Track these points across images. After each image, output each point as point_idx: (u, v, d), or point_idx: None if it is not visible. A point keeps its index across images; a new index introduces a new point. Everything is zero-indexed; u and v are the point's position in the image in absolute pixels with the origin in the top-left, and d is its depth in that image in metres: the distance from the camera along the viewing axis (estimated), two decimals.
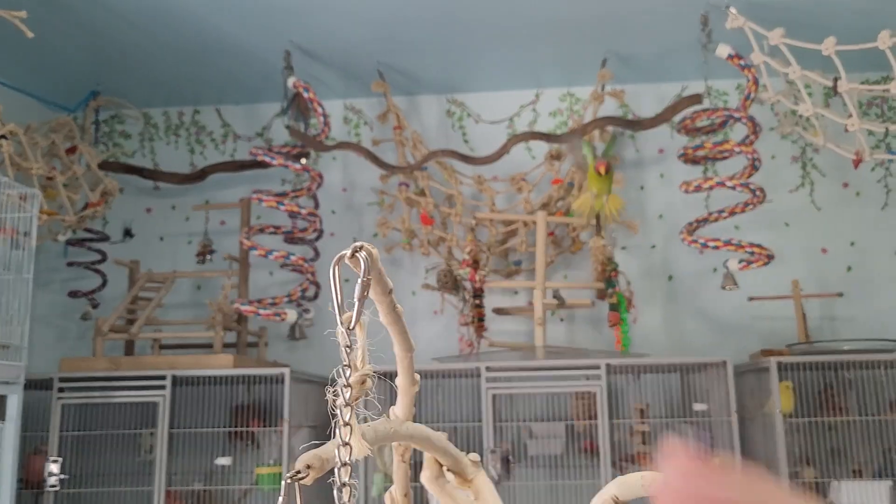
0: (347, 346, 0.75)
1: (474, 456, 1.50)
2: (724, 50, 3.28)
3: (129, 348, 3.84)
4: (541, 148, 4.08)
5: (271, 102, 4.30)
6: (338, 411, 0.74)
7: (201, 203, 4.19)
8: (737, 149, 3.16)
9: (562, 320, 3.96)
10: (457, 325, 3.85)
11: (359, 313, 0.75)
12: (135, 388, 3.35)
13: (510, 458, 3.41)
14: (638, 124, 3.41)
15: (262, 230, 3.63)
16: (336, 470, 0.87)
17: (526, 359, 3.41)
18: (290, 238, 3.82)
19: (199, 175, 4.06)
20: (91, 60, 3.86)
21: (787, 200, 3.95)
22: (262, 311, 3.39)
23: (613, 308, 3.50)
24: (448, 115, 4.26)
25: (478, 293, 3.59)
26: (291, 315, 3.46)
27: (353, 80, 4.08)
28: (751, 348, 3.71)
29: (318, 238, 3.84)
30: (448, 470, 1.47)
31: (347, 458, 0.78)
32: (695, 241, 3.34)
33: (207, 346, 3.70)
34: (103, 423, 3.58)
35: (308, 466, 1.04)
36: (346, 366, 0.75)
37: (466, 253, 3.56)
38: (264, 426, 3.61)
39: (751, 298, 3.69)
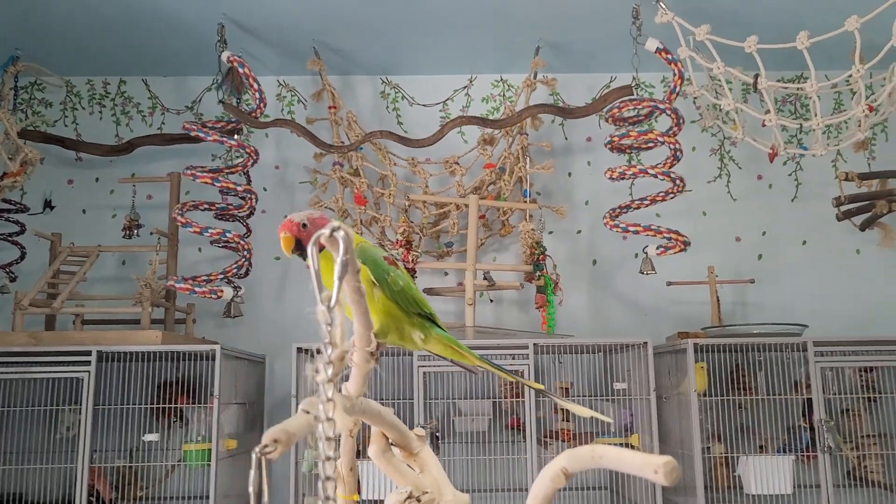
0: (328, 324, 0.78)
1: (420, 430, 1.56)
2: (652, 43, 3.41)
3: (50, 323, 3.74)
4: (473, 132, 4.15)
5: (201, 76, 4.23)
6: (320, 387, 0.77)
7: (127, 176, 4.10)
8: (660, 139, 3.30)
9: (491, 301, 4.06)
10: None
11: (338, 292, 0.79)
12: (58, 364, 3.28)
13: (437, 434, 3.49)
14: (570, 113, 3.51)
15: (195, 206, 3.58)
16: (320, 444, 0.90)
17: (457, 338, 3.49)
18: (222, 215, 3.79)
19: (127, 147, 3.97)
20: (10, 24, 3.71)
21: (705, 190, 4.14)
22: (197, 289, 3.36)
23: (540, 290, 3.61)
24: (382, 96, 4.28)
25: (410, 274, 3.64)
26: (227, 292, 3.44)
27: (288, 57, 4.05)
28: (668, 331, 3.89)
29: (250, 215, 3.82)
30: (394, 444, 1.53)
31: (331, 433, 0.80)
32: (616, 226, 3.48)
33: (132, 322, 3.64)
34: (22, 399, 3.49)
35: (275, 441, 1.06)
36: (327, 343, 0.78)
37: (399, 234, 3.61)
38: (192, 403, 3.59)
39: (669, 283, 3.86)
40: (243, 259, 3.61)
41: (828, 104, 4.12)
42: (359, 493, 1.61)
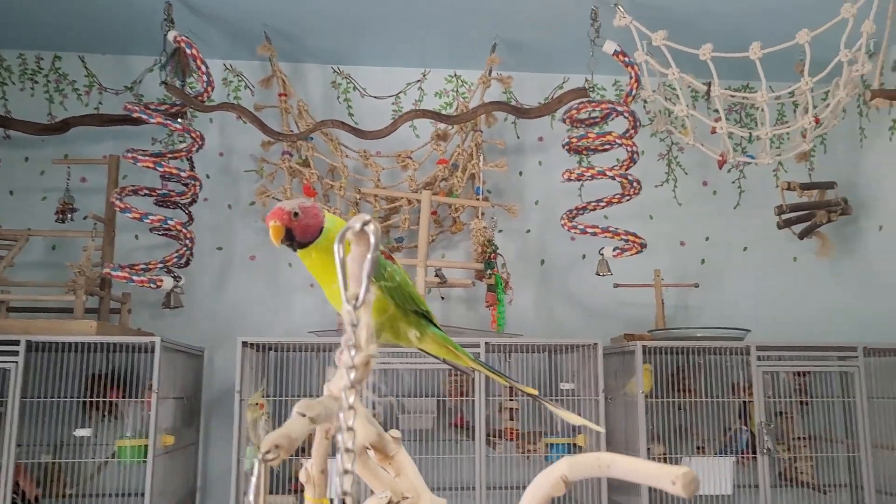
0: (353, 325, 0.71)
1: (395, 433, 1.50)
2: (610, 46, 3.43)
3: None
4: (425, 127, 4.10)
5: (143, 55, 4.05)
6: (341, 394, 0.71)
7: (59, 157, 3.89)
8: (618, 141, 3.32)
9: (442, 298, 4.02)
10: None
11: (366, 291, 0.72)
12: None
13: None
14: (525, 112, 3.50)
15: (135, 191, 3.42)
16: (337, 456, 0.83)
17: None
18: (163, 201, 3.64)
19: (61, 126, 3.76)
20: None
21: (653, 194, 4.19)
22: (135, 278, 3.21)
23: (491, 289, 3.59)
24: (333, 86, 4.19)
25: None
26: (167, 282, 3.30)
27: (236, 41, 3.92)
28: (613, 332, 3.93)
29: (192, 202, 3.68)
30: (369, 446, 1.47)
31: (351, 444, 0.73)
32: (574, 228, 3.49)
33: (63, 311, 3.46)
34: None
35: (276, 446, 0.98)
36: (351, 345, 0.71)
37: None
38: (125, 397, 3.43)
39: (616, 285, 3.89)
40: (184, 248, 3.48)
41: (771, 115, 4.22)
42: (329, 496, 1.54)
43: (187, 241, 3.43)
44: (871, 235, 4.00)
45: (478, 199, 3.75)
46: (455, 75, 4.24)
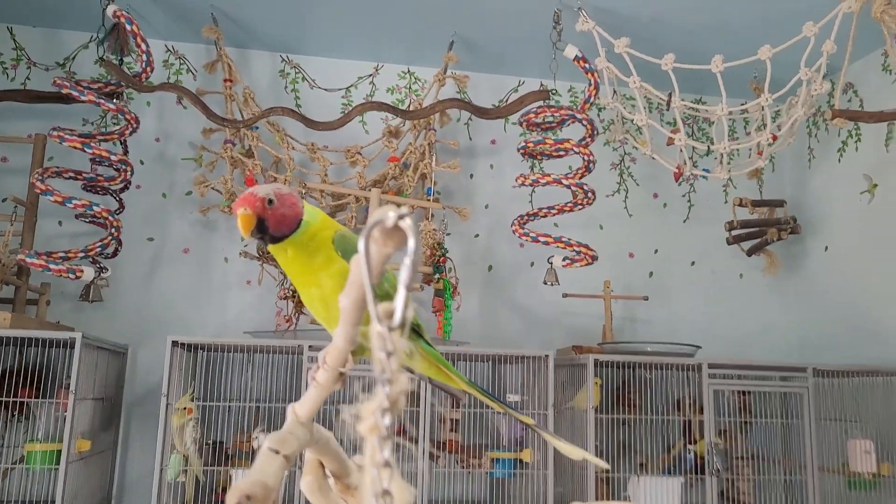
0: (388, 352, 0.55)
1: (360, 458, 1.34)
2: (571, 51, 3.34)
3: None
4: (375, 123, 3.95)
5: (77, 31, 3.79)
6: (369, 443, 0.54)
7: None
8: (575, 149, 3.23)
9: None
10: (274, 298, 3.63)
11: (405, 306, 0.57)
12: None
13: None
14: (484, 112, 3.38)
15: (59, 173, 3.17)
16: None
17: None
18: (90, 186, 3.39)
19: None
20: None
21: (604, 204, 4.12)
22: (52, 266, 2.96)
23: (439, 294, 3.45)
24: (282, 75, 3.99)
25: None
26: (88, 273, 3.05)
27: (180, 21, 3.69)
28: (558, 342, 3.84)
29: (124, 189, 3.43)
30: (331, 475, 1.31)
31: None
32: (525, 235, 3.38)
33: None
34: None
35: (248, 497, 0.79)
36: (385, 379, 0.55)
37: None
38: (38, 396, 3.16)
39: (565, 295, 3.80)
40: (111, 237, 3.23)
41: (721, 130, 4.20)
42: None
43: (114, 230, 3.19)
44: (817, 256, 4.01)
45: (428, 200, 3.61)
46: (409, 71, 4.09)
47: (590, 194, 3.30)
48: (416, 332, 1.22)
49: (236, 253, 3.73)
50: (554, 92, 4.11)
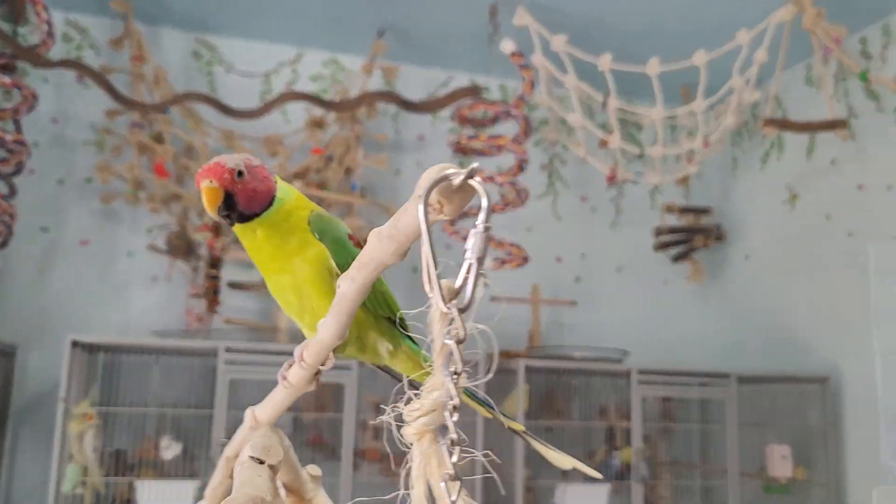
0: (457, 339, 0.47)
1: (314, 469, 1.17)
2: (509, 45, 3.23)
3: None
4: (297, 113, 3.73)
5: None
6: (422, 450, 0.45)
7: None
8: (510, 147, 3.12)
9: None
10: (184, 296, 3.36)
11: (475, 282, 0.48)
12: None
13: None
14: (415, 106, 3.23)
15: None
16: None
17: (268, 341, 3.06)
18: None
19: None
20: None
21: (532, 206, 4.03)
22: None
23: None
24: (195, 57, 3.72)
25: (215, 262, 3.15)
26: None
27: None
28: (484, 347, 3.73)
29: (15, 173, 3.10)
30: (284, 486, 1.15)
31: None
32: (455, 233, 3.25)
33: None
34: None
35: None
36: (453, 373, 0.47)
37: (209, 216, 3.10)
38: None
39: (493, 298, 3.69)
40: (1, 225, 2.92)
41: (651, 135, 4.20)
42: None
43: (5, 217, 2.87)
44: (738, 264, 4.05)
45: (354, 196, 3.43)
46: (334, 60, 3.89)
47: (523, 194, 3.20)
48: (395, 324, 1.07)
49: (142, 246, 3.44)
50: (486, 89, 4.00)
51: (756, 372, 3.42)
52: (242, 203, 0.95)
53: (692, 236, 3.80)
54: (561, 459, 0.99)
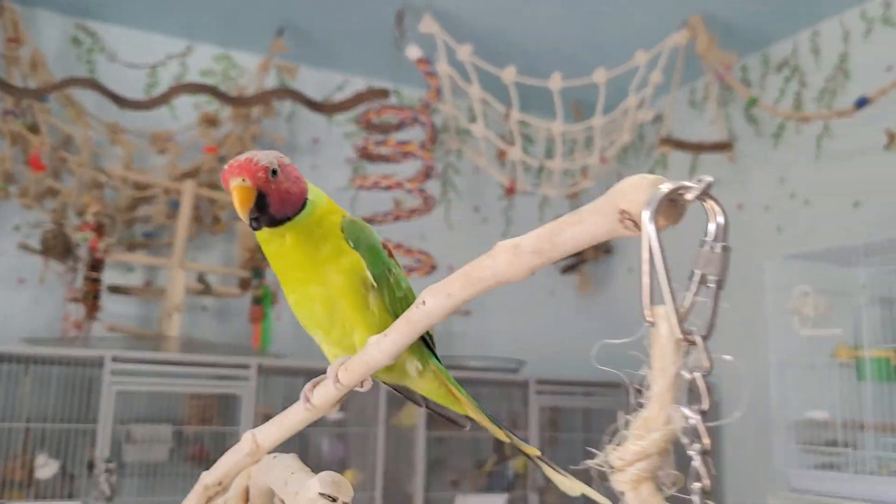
0: (702, 371, 0.40)
1: (315, 487, 1.07)
2: (414, 52, 3.21)
3: None
4: (185, 108, 3.54)
5: None
6: None
7: None
8: (418, 153, 3.09)
9: (204, 309, 3.45)
10: (55, 300, 3.09)
11: (716, 307, 0.42)
12: None
13: (111, 468, 2.81)
14: (319, 107, 3.13)
15: None
16: None
17: (155, 350, 2.86)
18: None
19: None
20: None
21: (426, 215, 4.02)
22: None
23: (258, 301, 3.14)
24: (74, 43, 3.45)
25: (97, 264, 2.92)
26: None
27: None
28: None
29: None
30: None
31: None
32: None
33: None
34: None
35: None
36: (700, 411, 0.40)
37: (91, 214, 2.88)
38: None
39: None
40: None
41: (541, 148, 4.28)
42: None
43: None
44: (622, 276, 4.20)
45: None
46: (226, 55, 3.72)
47: (429, 201, 3.18)
48: (427, 345, 1.01)
49: (10, 244, 3.14)
50: (396, 93, 3.95)
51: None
52: (275, 205, 0.87)
53: (583, 249, 3.90)
54: (571, 486, 0.96)
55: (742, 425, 3.40)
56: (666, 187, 0.45)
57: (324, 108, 3.16)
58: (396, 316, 0.90)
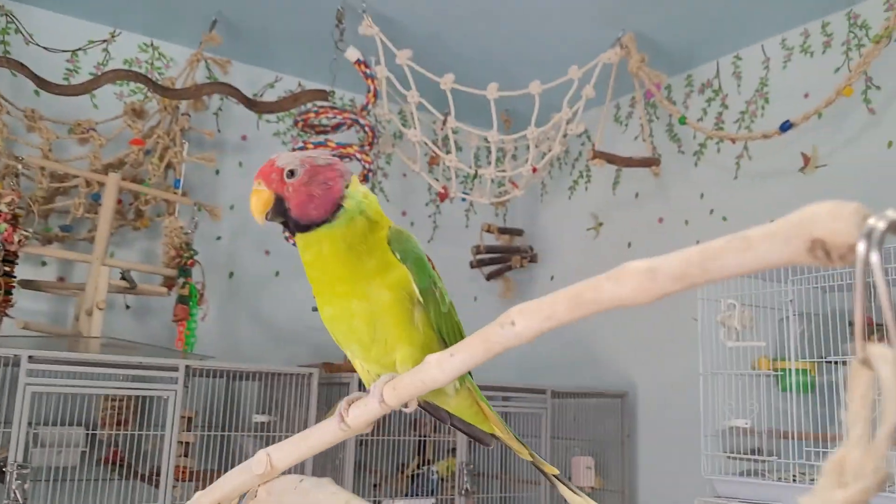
0: None
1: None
2: (353, 53, 3.18)
3: None
4: (107, 98, 3.39)
5: None
6: None
7: None
8: (357, 156, 3.06)
9: (128, 308, 3.30)
10: None
11: None
12: None
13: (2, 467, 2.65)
14: (255, 105, 3.06)
15: None
16: None
17: (73, 349, 2.72)
18: None
19: None
20: None
21: None
22: None
23: (183, 301, 3.04)
24: None
25: (10, 258, 2.76)
26: None
27: None
28: (299, 358, 3.62)
29: None
30: None
31: None
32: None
33: None
34: None
35: None
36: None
37: (5, 204, 2.72)
38: None
39: (314, 309, 3.59)
40: None
41: (467, 157, 4.32)
42: None
43: None
44: (544, 284, 4.28)
45: (175, 194, 3.17)
46: (152, 45, 3.59)
47: None
48: None
49: None
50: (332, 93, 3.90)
51: (568, 387, 3.62)
52: (295, 209, 0.83)
53: (510, 256, 3.96)
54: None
55: (672, 432, 3.52)
56: (884, 221, 0.41)
57: (261, 106, 3.09)
58: (440, 332, 0.88)
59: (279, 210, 0.84)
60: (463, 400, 1.00)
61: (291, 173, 0.84)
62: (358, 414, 0.84)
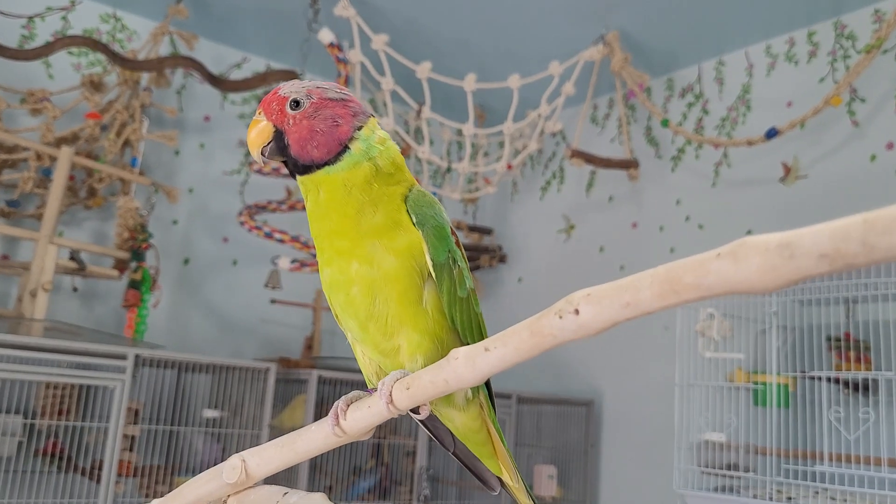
0: None
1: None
2: (327, 35, 3.05)
3: None
4: (63, 67, 3.21)
5: None
6: None
7: None
8: None
9: (75, 290, 3.11)
10: None
11: None
12: None
13: None
14: (220, 83, 2.90)
15: None
16: None
17: (14, 332, 2.54)
18: None
19: None
20: None
21: None
22: None
23: (135, 286, 2.87)
24: None
25: None
26: None
27: None
28: (252, 352, 3.47)
29: None
30: None
31: None
32: (258, 228, 2.97)
33: None
34: None
35: None
36: None
37: None
38: None
39: (273, 301, 3.45)
40: None
41: (439, 150, 4.21)
42: None
43: None
44: (511, 285, 4.19)
45: (132, 173, 3.00)
46: (114, 15, 3.41)
47: None
48: None
49: None
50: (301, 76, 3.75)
51: (533, 393, 3.52)
52: (294, 145, 0.71)
53: (479, 255, 3.85)
54: None
55: (639, 443, 3.44)
56: None
57: (226, 84, 2.94)
58: (453, 321, 0.75)
59: (279, 146, 0.72)
60: (471, 419, 0.85)
61: (296, 104, 0.72)
62: (358, 417, 0.69)
